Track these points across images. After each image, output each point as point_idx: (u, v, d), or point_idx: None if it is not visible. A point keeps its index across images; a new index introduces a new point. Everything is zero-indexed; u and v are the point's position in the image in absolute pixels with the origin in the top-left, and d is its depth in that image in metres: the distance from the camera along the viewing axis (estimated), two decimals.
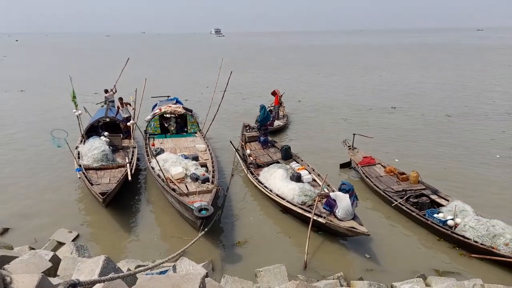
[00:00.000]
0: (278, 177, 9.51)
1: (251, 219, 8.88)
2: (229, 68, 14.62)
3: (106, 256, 4.62)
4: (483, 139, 14.94)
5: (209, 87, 27.50)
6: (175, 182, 9.04)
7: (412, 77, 33.57)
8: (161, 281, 2.28)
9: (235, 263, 7.17)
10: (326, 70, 39.49)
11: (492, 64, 43.03)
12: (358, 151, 11.95)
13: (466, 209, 8.11)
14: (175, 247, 7.37)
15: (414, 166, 10.89)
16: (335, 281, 6.21)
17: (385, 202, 9.40)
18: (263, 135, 12.51)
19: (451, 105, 21.29)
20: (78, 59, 57.98)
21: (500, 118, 18.37)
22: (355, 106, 21.60)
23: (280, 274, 6.06)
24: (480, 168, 11.88)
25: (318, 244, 7.75)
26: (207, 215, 7.11)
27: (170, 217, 8.91)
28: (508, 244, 6.84)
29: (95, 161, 10.28)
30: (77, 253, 6.71)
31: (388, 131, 16.27)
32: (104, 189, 8.77)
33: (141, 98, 12.70)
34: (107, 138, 11.76)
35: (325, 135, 15.93)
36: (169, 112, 13.71)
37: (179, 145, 12.28)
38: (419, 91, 26.18)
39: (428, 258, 7.35)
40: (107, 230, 8.39)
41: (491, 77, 32.46)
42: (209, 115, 14.06)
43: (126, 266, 5.30)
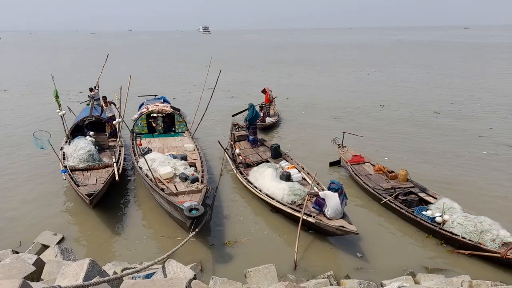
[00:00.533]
0: (267, 176, 9.45)
1: (240, 219, 8.81)
2: (217, 66, 14.48)
3: (91, 259, 4.50)
4: (471, 136, 15.12)
5: (196, 85, 27.37)
6: (164, 182, 8.91)
7: (398, 74, 33.89)
8: (146, 286, 2.18)
9: (225, 264, 7.09)
10: (314, 68, 39.62)
11: (478, 62, 43.70)
12: (347, 149, 11.98)
13: (454, 207, 8.19)
14: (164, 248, 7.30)
15: (403, 164, 10.95)
16: (325, 280, 6.19)
17: (374, 200, 9.44)
18: (252, 134, 12.44)
19: (438, 103, 21.52)
20: (62, 58, 57.02)
21: (486, 115, 18.64)
22: (344, 104, 21.67)
23: (270, 274, 6.01)
24: (468, 165, 12.01)
25: (308, 243, 7.73)
26: (198, 215, 7.01)
27: (158, 218, 8.78)
28: (494, 240, 6.91)
29: (81, 162, 10.07)
30: (62, 256, 6.54)
31: (377, 129, 16.34)
32: (91, 190, 8.59)
33: (126, 96, 12.48)
34: (93, 137, 11.55)
35: (315, 132, 15.94)
36: (156, 111, 13.52)
37: (167, 145, 12.12)
38: (406, 89, 26.43)
39: (417, 255, 7.38)
40: (93, 232, 8.23)
41: (476, 75, 32.92)
42: (197, 114, 13.91)
43: (112, 269, 5.17)
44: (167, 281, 2.20)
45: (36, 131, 9.96)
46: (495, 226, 7.22)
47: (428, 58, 50.08)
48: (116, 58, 52.62)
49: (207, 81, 14.40)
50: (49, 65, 44.22)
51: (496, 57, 49.28)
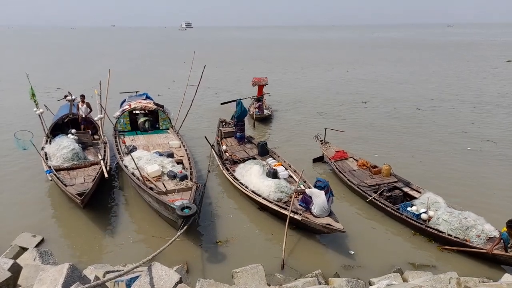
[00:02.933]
0: (254, 173, 9.33)
1: (227, 217, 8.66)
2: (196, 63, 14.19)
3: (70, 264, 4.30)
4: (455, 132, 15.34)
5: (176, 82, 27.01)
6: (152, 181, 8.67)
7: (377, 72, 34.28)
8: None
9: (211, 264, 6.95)
10: (294, 65, 39.68)
11: (456, 60, 44.56)
12: (330, 145, 11.95)
13: (438, 201, 8.26)
14: (151, 248, 7.12)
15: (389, 160, 10.99)
16: (313, 279, 6.10)
17: (359, 197, 9.42)
18: (240, 131, 12.28)
19: (418, 99, 21.81)
20: (39, 54, 55.49)
21: (467, 111, 18.99)
22: (327, 100, 21.75)
23: (258, 275, 5.89)
24: (452, 160, 12.17)
25: (295, 242, 7.65)
26: (191, 213, 6.83)
27: (146, 217, 8.55)
28: (480, 235, 6.98)
29: (66, 161, 9.74)
30: (41, 259, 6.26)
31: (361, 125, 16.44)
32: (80, 189, 8.31)
33: (107, 91, 12.12)
34: (75, 135, 11.19)
35: (301, 129, 15.91)
36: (139, 108, 13.20)
37: (151, 142, 11.84)
38: (385, 86, 26.75)
39: (404, 252, 7.39)
40: (75, 233, 7.95)
41: (454, 72, 33.54)
42: (181, 110, 13.65)
43: (93, 273, 4.96)
44: None
45: (17, 131, 9.57)
46: (480, 221, 7.30)
47: (406, 56, 50.82)
48: (95, 54, 51.72)
49: (188, 77, 14.05)
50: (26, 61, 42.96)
51: (472, 55, 50.38)
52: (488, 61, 42.26)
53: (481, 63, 40.39)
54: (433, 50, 60.44)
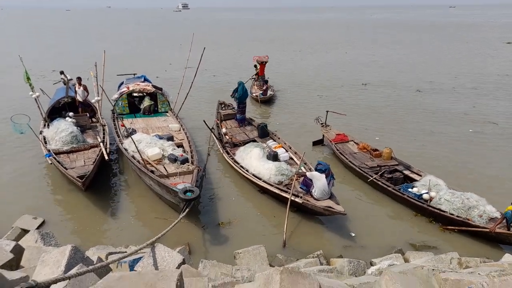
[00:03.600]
0: (254, 156, 9.28)
1: (228, 200, 8.65)
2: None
3: (72, 246, 4.27)
4: (456, 114, 15.25)
5: (172, 64, 26.66)
6: (153, 164, 8.62)
7: (377, 53, 33.93)
8: (133, 280, 1.99)
9: (213, 246, 6.98)
10: (292, 47, 39.18)
11: (455, 41, 44.11)
12: (331, 128, 11.87)
13: (439, 183, 8.26)
14: (153, 230, 7.10)
15: (388, 142, 10.95)
16: (315, 260, 6.14)
17: (360, 178, 9.42)
18: (240, 113, 12.16)
19: (418, 81, 21.62)
20: (33, 36, 54.56)
21: (468, 92, 18.87)
22: (327, 83, 21.55)
23: (260, 255, 5.92)
24: (454, 143, 12.12)
25: (296, 223, 7.67)
26: (193, 197, 6.81)
27: (147, 200, 8.54)
28: (482, 215, 7.00)
29: (65, 144, 9.68)
30: (43, 241, 6.25)
31: (362, 108, 16.32)
32: (81, 172, 8.29)
33: (103, 73, 11.92)
34: (73, 118, 11.07)
35: (301, 111, 15.79)
36: (137, 90, 13.03)
37: (151, 125, 11.74)
38: (385, 67, 26.51)
39: (405, 233, 7.43)
40: (76, 215, 7.95)
41: (453, 54, 33.28)
42: (180, 93, 13.49)
43: (96, 255, 4.95)
44: (156, 274, 2.02)
45: (14, 115, 9.47)
46: (482, 202, 7.31)
47: (405, 38, 50.25)
48: (90, 37, 50.95)
49: (187, 60, 13.80)
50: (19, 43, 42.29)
51: (472, 37, 49.86)
52: (488, 43, 41.86)
53: (481, 44, 40.03)
54: (433, 31, 59.75)
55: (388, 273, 3.88)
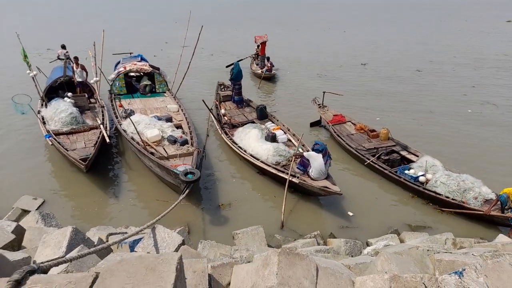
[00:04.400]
0: (252, 137, 9.30)
1: (227, 181, 8.70)
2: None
3: (73, 227, 4.32)
4: (456, 94, 15.21)
5: (168, 43, 26.24)
6: (152, 145, 8.61)
7: (375, 32, 33.58)
8: (133, 263, 2.03)
9: (212, 226, 7.07)
10: (289, 26, 38.57)
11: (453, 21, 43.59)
12: (328, 109, 11.83)
13: (436, 164, 8.31)
14: (153, 211, 7.20)
15: (388, 123, 10.94)
16: (312, 240, 6.24)
17: (357, 161, 9.46)
18: (237, 94, 12.08)
19: (417, 61, 21.49)
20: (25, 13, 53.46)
21: (468, 72, 18.79)
22: (326, 62, 21.39)
23: (258, 236, 6.00)
24: (453, 123, 12.15)
25: (294, 204, 7.76)
26: (194, 179, 6.84)
27: (147, 181, 8.58)
28: (477, 197, 7.09)
29: (64, 125, 9.63)
30: (43, 222, 6.31)
31: (361, 88, 16.25)
32: (82, 154, 8.28)
33: (102, 53, 11.75)
34: (72, 99, 10.97)
35: (300, 91, 15.70)
36: (134, 70, 12.89)
37: (148, 106, 11.66)
38: (384, 47, 26.33)
39: (402, 214, 7.53)
40: (76, 196, 8.00)
41: (450, 33, 32.94)
42: (178, 73, 13.34)
43: (96, 235, 5.02)
44: (157, 257, 2.05)
45: (15, 95, 9.39)
46: (477, 183, 7.38)
47: (404, 16, 49.62)
48: (82, 14, 49.98)
49: (185, 39, 13.54)
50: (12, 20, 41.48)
51: (472, 15, 49.27)
52: (487, 21, 41.36)
53: (481, 23, 39.58)
54: (433, 10, 58.84)
55: (384, 254, 3.95)
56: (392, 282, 3.02)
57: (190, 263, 3.23)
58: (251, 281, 3.13)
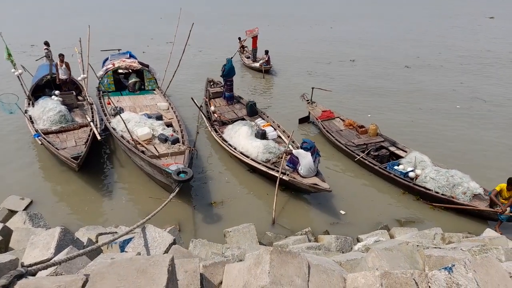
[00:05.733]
0: (242, 134, 9.27)
1: (217, 179, 8.67)
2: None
3: (62, 227, 4.25)
4: (444, 90, 15.38)
5: (154, 39, 25.94)
6: (143, 144, 8.52)
7: (362, 28, 33.70)
8: (124, 266, 2.00)
9: (204, 225, 7.04)
10: (276, 22, 38.36)
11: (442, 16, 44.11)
12: (316, 105, 11.86)
13: (425, 160, 8.41)
14: (144, 210, 7.16)
15: (379, 119, 11.01)
16: (303, 237, 6.26)
17: (347, 157, 9.51)
18: (228, 91, 12.02)
19: (405, 57, 21.67)
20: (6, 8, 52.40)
21: (455, 68, 19.03)
22: (315, 59, 21.35)
23: (250, 234, 6.00)
24: (442, 119, 12.29)
25: (285, 201, 7.77)
26: (187, 178, 6.79)
27: (137, 179, 8.49)
28: (466, 192, 7.20)
29: (53, 124, 9.46)
30: (31, 222, 6.21)
31: (351, 84, 16.30)
32: (73, 152, 8.15)
33: (88, 49, 11.56)
34: (59, 97, 10.78)
35: (290, 88, 15.69)
36: (123, 67, 12.72)
37: (138, 104, 11.53)
38: (372, 43, 26.42)
39: (392, 210, 7.60)
40: (64, 196, 7.88)
41: (435, 29, 33.39)
42: (167, 70, 13.20)
43: (86, 236, 4.95)
44: (148, 259, 2.03)
45: (2, 94, 9.20)
46: (466, 178, 7.49)
47: (388, 12, 50.02)
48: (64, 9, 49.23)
49: (175, 36, 13.35)
50: None
51: (455, 11, 50.02)
52: (471, 18, 42.00)
53: (464, 19, 40.20)
54: (417, 6, 59.39)
55: (375, 250, 3.99)
56: (383, 279, 3.05)
57: (181, 263, 3.21)
58: (243, 280, 3.13)
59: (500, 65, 19.71)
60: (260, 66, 17.97)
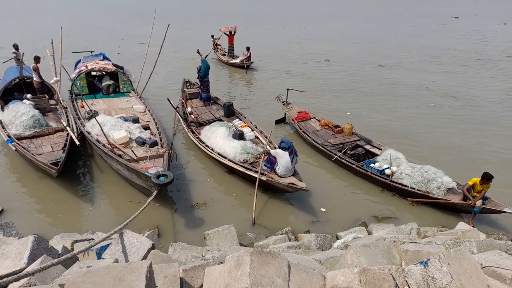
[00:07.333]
0: (219, 135, 9.23)
1: (196, 181, 8.59)
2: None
3: (35, 236, 4.11)
4: (418, 88, 15.82)
5: (124, 40, 25.48)
6: (120, 148, 8.32)
7: (334, 28, 34.33)
8: (100, 274, 1.95)
9: (183, 228, 6.97)
10: (250, 22, 38.36)
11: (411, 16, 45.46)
12: (292, 106, 11.93)
13: (399, 157, 8.61)
14: (120, 214, 7.03)
15: (356, 118, 11.19)
16: (284, 236, 6.30)
17: (324, 156, 9.61)
18: (205, 92, 11.93)
19: (378, 56, 22.16)
20: None
21: (426, 66, 19.59)
22: (290, 59, 21.52)
23: (230, 235, 5.98)
24: (417, 116, 12.62)
25: (265, 202, 7.78)
26: (167, 181, 6.69)
27: (116, 184, 8.29)
28: (440, 187, 7.43)
29: (27, 129, 9.11)
30: (2, 232, 5.95)
31: (328, 84, 16.54)
32: (51, 158, 7.86)
33: (61, 51, 11.23)
34: (32, 101, 10.41)
35: (267, 89, 15.74)
36: (97, 69, 12.43)
37: (113, 106, 11.27)
38: (344, 43, 26.96)
39: (370, 206, 7.75)
40: (37, 203, 7.61)
41: (409, 28, 34.50)
42: (143, 72, 12.98)
43: (61, 244, 4.80)
44: (125, 266, 1.99)
45: None
46: (439, 173, 7.73)
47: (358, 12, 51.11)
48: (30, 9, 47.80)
49: (150, 37, 13.02)
50: None
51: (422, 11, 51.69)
52: (437, 17, 43.54)
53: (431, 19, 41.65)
54: (383, 6, 60.95)
55: (353, 247, 4.06)
56: (362, 276, 3.10)
57: (160, 268, 3.16)
58: (224, 282, 3.11)
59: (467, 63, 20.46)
60: (241, 62, 18.24)
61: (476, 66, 19.95)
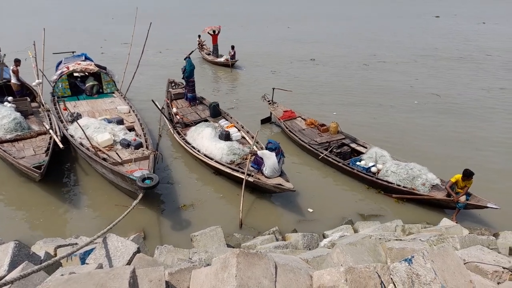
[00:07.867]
0: (206, 136, 9.17)
1: (182, 183, 8.51)
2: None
3: (16, 242, 4.02)
4: (403, 87, 16.03)
5: (107, 40, 25.16)
6: (104, 151, 8.17)
7: (318, 28, 34.66)
8: (82, 281, 1.90)
9: (170, 230, 6.89)
10: (234, 22, 38.33)
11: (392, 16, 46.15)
12: (278, 105, 11.96)
13: (384, 155, 8.73)
14: (105, 217, 6.91)
15: (342, 117, 11.26)
16: (271, 236, 6.30)
17: (310, 155, 9.65)
18: (190, 92, 11.85)
19: (362, 55, 22.42)
20: None
21: (409, 65, 19.88)
22: (276, 59, 21.59)
23: (217, 236, 5.95)
24: (401, 114, 12.80)
25: (252, 202, 7.77)
26: (153, 184, 6.59)
27: (101, 187, 8.14)
28: (425, 184, 7.55)
29: (8, 132, 8.87)
30: None
31: (314, 83, 16.62)
32: (33, 162, 7.67)
33: (43, 53, 11.00)
34: (13, 103, 10.17)
35: (254, 89, 15.71)
36: (79, 70, 12.20)
37: (97, 108, 11.09)
38: (328, 42, 27.23)
39: (356, 204, 7.81)
40: (19, 208, 7.41)
41: (391, 28, 35.06)
42: (126, 72, 12.80)
43: (43, 249, 4.70)
44: (107, 273, 1.95)
45: None
46: (424, 170, 7.85)
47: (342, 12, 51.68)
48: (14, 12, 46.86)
49: (132, 36, 12.77)
50: None
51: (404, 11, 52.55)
52: (419, 17, 44.36)
53: (413, 19, 42.46)
54: (364, 6, 61.71)
55: (339, 246, 4.08)
56: (348, 274, 3.12)
57: (145, 272, 3.11)
58: (211, 285, 3.09)
59: (449, 62, 20.85)
60: (225, 60, 18.49)
61: (458, 64, 20.33)
